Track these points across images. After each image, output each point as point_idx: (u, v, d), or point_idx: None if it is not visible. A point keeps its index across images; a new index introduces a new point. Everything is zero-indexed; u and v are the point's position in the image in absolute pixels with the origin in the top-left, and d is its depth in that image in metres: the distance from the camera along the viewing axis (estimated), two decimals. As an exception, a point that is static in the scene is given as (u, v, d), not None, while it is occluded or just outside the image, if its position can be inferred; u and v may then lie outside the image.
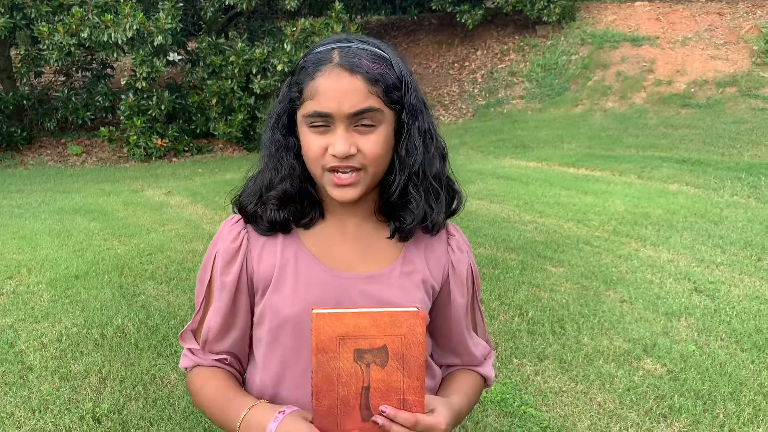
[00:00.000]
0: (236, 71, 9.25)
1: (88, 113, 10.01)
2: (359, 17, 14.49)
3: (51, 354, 3.12)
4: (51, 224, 5.52)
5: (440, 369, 1.20)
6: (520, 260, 4.34)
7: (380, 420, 0.90)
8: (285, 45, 9.19)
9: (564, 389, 2.80)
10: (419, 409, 0.92)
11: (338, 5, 9.49)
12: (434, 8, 12.67)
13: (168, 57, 9.32)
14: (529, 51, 12.31)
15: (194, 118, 9.87)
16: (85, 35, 8.60)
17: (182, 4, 9.09)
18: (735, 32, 11.06)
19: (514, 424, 2.55)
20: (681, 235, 4.82)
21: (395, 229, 1.08)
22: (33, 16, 8.97)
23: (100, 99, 9.93)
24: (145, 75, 8.89)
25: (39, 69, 10.23)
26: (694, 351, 3.10)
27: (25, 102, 10.00)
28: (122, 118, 9.34)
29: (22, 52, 10.23)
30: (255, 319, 1.11)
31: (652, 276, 4.05)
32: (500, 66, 12.29)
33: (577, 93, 10.87)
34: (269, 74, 9.28)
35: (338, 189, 1.00)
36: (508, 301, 3.67)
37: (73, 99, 10.01)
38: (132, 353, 3.13)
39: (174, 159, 9.68)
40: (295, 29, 9.27)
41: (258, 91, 9.24)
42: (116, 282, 4.05)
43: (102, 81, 10.38)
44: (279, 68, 9.07)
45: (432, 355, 1.19)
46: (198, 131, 10.00)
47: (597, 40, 11.74)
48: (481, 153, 8.79)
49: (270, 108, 1.10)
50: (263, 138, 1.09)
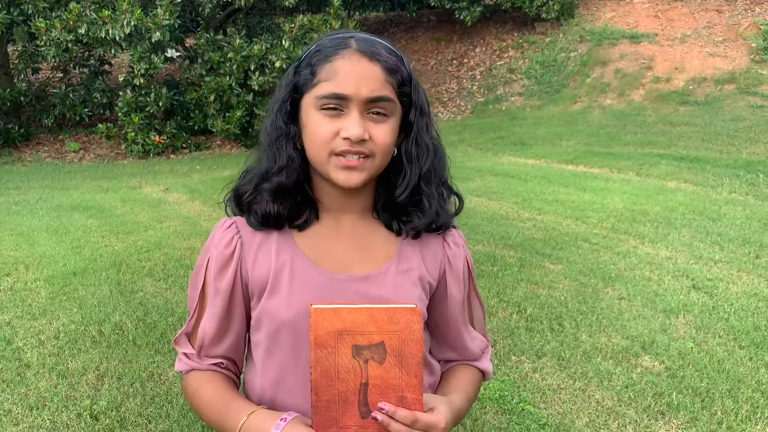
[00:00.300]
0: (234, 68, 9.22)
1: (86, 110, 9.97)
2: (357, 14, 14.45)
3: (48, 351, 3.12)
4: (48, 221, 5.51)
5: (438, 364, 1.19)
6: (519, 257, 4.34)
7: (379, 416, 0.90)
8: (283, 41, 9.16)
9: (562, 386, 2.80)
10: (418, 407, 0.91)
11: (336, 2, 9.44)
12: (433, 5, 12.65)
13: (166, 53, 9.28)
14: (528, 48, 12.29)
15: (192, 115, 9.84)
16: (83, 31, 8.56)
17: (180, 1, 9.06)
18: (734, 29, 11.06)
19: (513, 422, 2.55)
20: (679, 233, 4.82)
21: (400, 228, 1.08)
22: (30, 12, 8.93)
23: (98, 95, 9.91)
24: (143, 71, 8.85)
25: (36, 65, 10.21)
26: (692, 348, 3.10)
27: (23, 98, 9.97)
28: (120, 115, 9.31)
29: (20, 49, 10.20)
30: (252, 324, 1.11)
31: (651, 273, 4.06)
32: (499, 63, 12.28)
33: (576, 90, 10.86)
34: (267, 71, 9.25)
35: (344, 172, 1.00)
36: (507, 299, 3.67)
37: (71, 95, 9.98)
38: (130, 350, 3.12)
39: (172, 156, 9.66)
40: (294, 26, 9.24)
41: (256, 88, 9.23)
42: (114, 279, 4.04)
43: (100, 77, 10.36)
44: (277, 65, 9.05)
45: (430, 351, 1.19)
46: (196, 128, 9.97)
47: (596, 37, 11.72)
48: (480, 150, 8.79)
49: (269, 104, 1.10)
50: (264, 124, 1.08)
